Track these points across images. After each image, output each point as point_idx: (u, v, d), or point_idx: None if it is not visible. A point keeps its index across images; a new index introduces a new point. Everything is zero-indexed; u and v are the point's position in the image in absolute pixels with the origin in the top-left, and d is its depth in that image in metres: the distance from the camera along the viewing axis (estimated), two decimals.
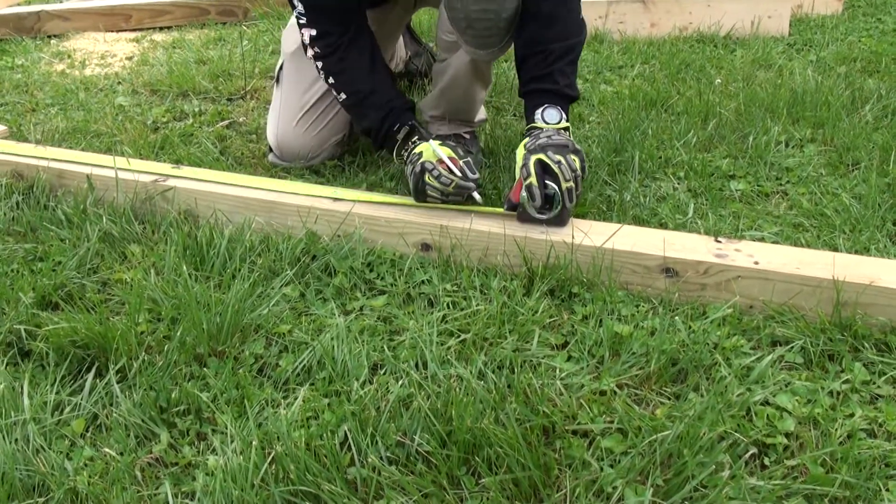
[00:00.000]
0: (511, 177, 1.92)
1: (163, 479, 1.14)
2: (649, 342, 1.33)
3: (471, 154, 1.98)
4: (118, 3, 3.67)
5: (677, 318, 1.39)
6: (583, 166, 1.60)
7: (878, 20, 3.33)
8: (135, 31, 3.67)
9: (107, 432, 1.23)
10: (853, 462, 1.08)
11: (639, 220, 1.73)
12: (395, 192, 1.90)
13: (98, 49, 3.40)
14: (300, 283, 1.57)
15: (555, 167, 1.55)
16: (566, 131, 1.67)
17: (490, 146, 2.15)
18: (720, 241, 1.49)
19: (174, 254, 1.62)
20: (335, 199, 1.71)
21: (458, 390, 1.21)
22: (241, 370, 1.32)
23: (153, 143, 2.27)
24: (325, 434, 1.15)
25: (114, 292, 1.58)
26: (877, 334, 1.33)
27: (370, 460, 1.11)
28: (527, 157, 1.59)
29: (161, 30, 3.68)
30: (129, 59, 3.26)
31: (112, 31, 3.65)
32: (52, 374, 1.32)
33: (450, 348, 1.36)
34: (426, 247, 1.63)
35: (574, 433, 1.17)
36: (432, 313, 1.45)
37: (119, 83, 2.93)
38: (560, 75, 1.70)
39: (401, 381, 1.26)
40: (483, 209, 1.64)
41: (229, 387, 1.28)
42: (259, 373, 1.35)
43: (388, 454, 1.14)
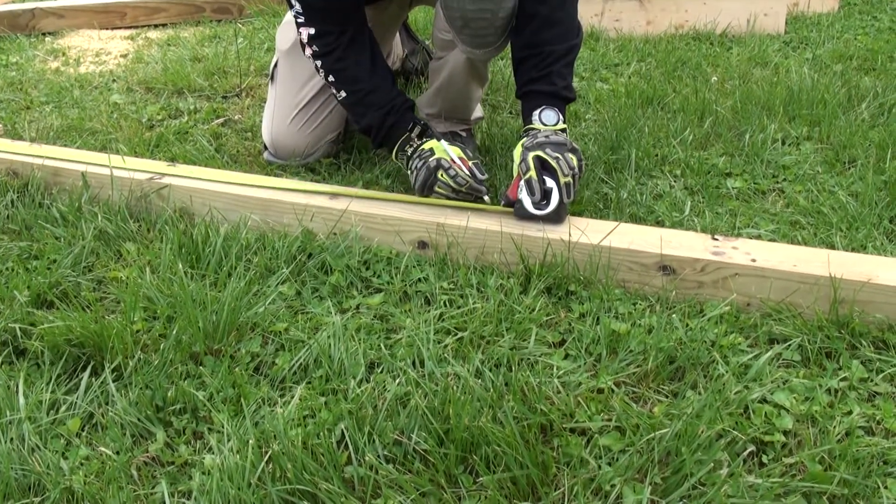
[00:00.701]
0: (507, 175, 1.92)
1: (159, 478, 1.13)
2: (647, 340, 1.32)
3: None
4: (113, 0, 3.65)
5: (674, 315, 1.39)
6: (580, 164, 1.61)
7: (874, 18, 3.34)
8: (130, 28, 3.66)
9: (102, 431, 1.22)
10: (851, 459, 1.08)
11: (636, 218, 1.73)
12: (392, 189, 1.90)
13: (93, 47, 3.39)
14: (296, 281, 1.56)
15: (553, 163, 1.56)
16: (563, 132, 1.67)
17: (486, 144, 2.15)
18: (717, 239, 1.49)
19: (170, 252, 1.61)
20: (331, 197, 1.71)
21: (455, 388, 1.20)
22: (237, 369, 1.32)
23: (148, 141, 2.27)
24: (321, 433, 1.14)
25: (109, 291, 1.57)
26: (874, 332, 1.33)
27: (367, 459, 1.11)
28: (525, 153, 1.59)
29: (156, 27, 3.68)
30: (124, 56, 3.25)
31: (107, 29, 3.64)
32: (47, 373, 1.32)
33: (447, 346, 1.36)
34: (423, 244, 1.62)
35: (572, 431, 1.17)
36: (429, 311, 1.45)
37: (114, 81, 2.92)
38: (557, 77, 1.70)
39: (398, 380, 1.26)
40: (480, 206, 1.64)
41: (225, 385, 1.28)
42: (255, 371, 1.35)
43: (386, 453, 1.14)
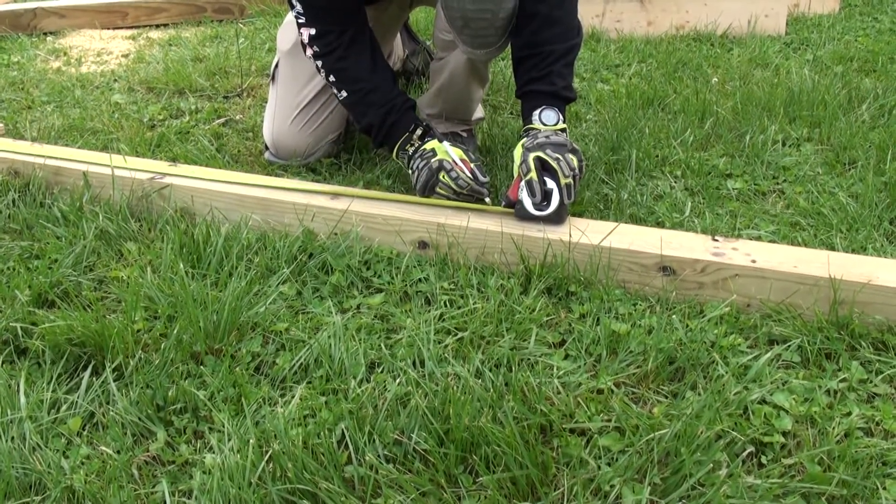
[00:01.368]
0: (508, 175, 1.92)
1: (160, 477, 1.13)
2: (647, 340, 1.33)
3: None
4: (114, 0, 3.66)
5: (675, 316, 1.39)
6: (580, 165, 1.61)
7: (875, 19, 3.34)
8: (131, 28, 3.66)
9: (103, 430, 1.22)
10: (850, 460, 1.08)
11: (636, 219, 1.74)
12: (392, 189, 1.90)
13: (94, 46, 3.39)
14: (297, 281, 1.56)
15: (554, 164, 1.56)
16: (563, 132, 1.67)
17: (487, 144, 2.15)
18: (717, 240, 1.49)
19: (171, 251, 1.62)
20: (332, 197, 1.71)
21: (455, 389, 1.20)
22: (237, 368, 1.32)
23: (149, 141, 2.27)
24: (322, 432, 1.15)
25: (110, 290, 1.57)
26: (874, 333, 1.33)
27: (367, 459, 1.11)
28: (525, 154, 1.59)
29: (157, 27, 3.68)
30: (126, 56, 3.25)
31: (108, 29, 3.64)
32: (48, 373, 1.32)
33: (447, 346, 1.36)
34: (423, 245, 1.63)
35: (571, 432, 1.17)
36: (429, 311, 1.45)
37: (115, 81, 2.93)
38: (558, 77, 1.70)
39: (398, 380, 1.26)
40: (480, 207, 1.65)
41: (226, 385, 1.28)
42: (256, 371, 1.35)
43: (386, 452, 1.14)
